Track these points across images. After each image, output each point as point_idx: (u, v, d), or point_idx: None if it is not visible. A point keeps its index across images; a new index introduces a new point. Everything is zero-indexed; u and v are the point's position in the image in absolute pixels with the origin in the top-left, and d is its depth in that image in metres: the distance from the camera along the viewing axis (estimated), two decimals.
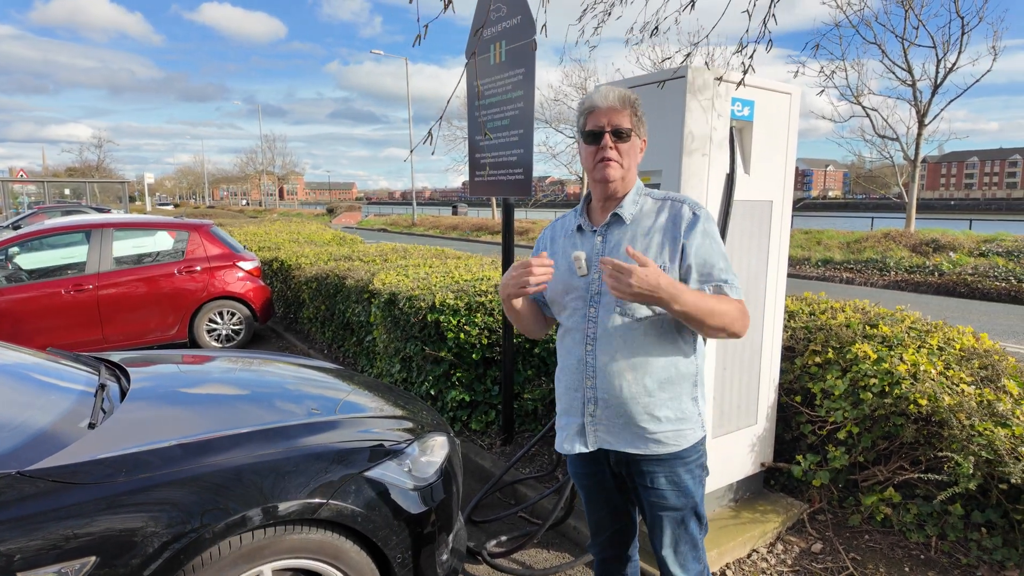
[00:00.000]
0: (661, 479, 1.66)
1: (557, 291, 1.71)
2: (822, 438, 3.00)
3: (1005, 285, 10.29)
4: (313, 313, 6.86)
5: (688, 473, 1.67)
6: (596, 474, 1.79)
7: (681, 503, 1.68)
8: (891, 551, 2.68)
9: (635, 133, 1.60)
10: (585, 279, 1.64)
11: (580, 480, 1.85)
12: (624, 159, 1.59)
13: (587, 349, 1.64)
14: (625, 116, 1.57)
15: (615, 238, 1.64)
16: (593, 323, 1.62)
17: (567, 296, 1.68)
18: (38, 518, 1.55)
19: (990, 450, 2.46)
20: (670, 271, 1.56)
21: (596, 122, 1.58)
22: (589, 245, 1.67)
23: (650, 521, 1.73)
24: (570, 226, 1.76)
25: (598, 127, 1.58)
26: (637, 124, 1.60)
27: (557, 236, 1.79)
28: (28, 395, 2.12)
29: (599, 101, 1.58)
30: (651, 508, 1.70)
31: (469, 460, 3.76)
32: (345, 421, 2.25)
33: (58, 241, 6.29)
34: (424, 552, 2.12)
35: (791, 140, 2.82)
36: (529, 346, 4.04)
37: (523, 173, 3.52)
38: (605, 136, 1.57)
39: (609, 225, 1.65)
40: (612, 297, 1.58)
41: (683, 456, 1.66)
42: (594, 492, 1.83)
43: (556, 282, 1.71)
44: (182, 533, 1.67)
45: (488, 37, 3.64)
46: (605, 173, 1.59)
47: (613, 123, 1.57)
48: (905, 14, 14.31)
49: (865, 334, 3.07)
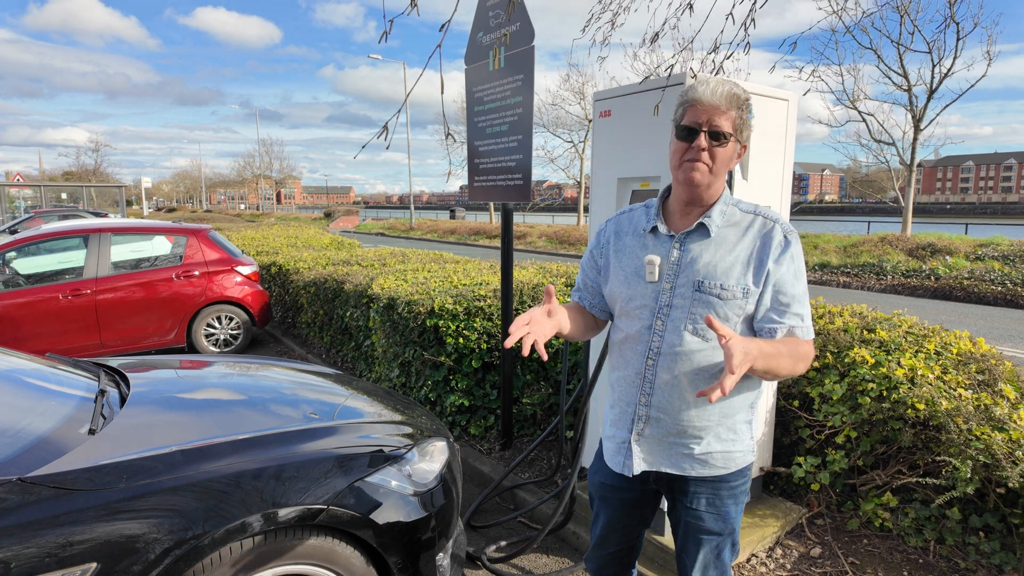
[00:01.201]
0: (703, 501, 1.58)
1: (620, 294, 1.58)
2: (820, 442, 3.00)
3: (1001, 289, 10.33)
4: (311, 318, 6.86)
5: (731, 498, 1.59)
6: (624, 490, 1.68)
7: (719, 528, 1.59)
8: (890, 555, 2.68)
9: (735, 137, 1.44)
10: (654, 287, 1.51)
11: (604, 491, 1.73)
12: (715, 164, 1.44)
13: (648, 364, 1.52)
14: (728, 118, 1.42)
15: (695, 250, 1.49)
16: (659, 337, 1.50)
17: (631, 302, 1.55)
18: (38, 525, 1.55)
19: (987, 454, 2.47)
20: (752, 295, 1.45)
21: (694, 118, 1.43)
22: (663, 251, 1.52)
23: (682, 542, 1.65)
24: (640, 224, 1.60)
25: (695, 124, 1.42)
26: (740, 128, 1.44)
27: (623, 232, 1.63)
28: (28, 401, 2.11)
29: (703, 95, 1.42)
30: (686, 528, 1.62)
31: (468, 465, 3.76)
32: (344, 426, 2.25)
33: (55, 246, 6.28)
34: (424, 557, 2.12)
35: (788, 146, 2.83)
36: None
37: (522, 178, 3.53)
38: (700, 136, 1.42)
39: (690, 234, 1.51)
40: (684, 313, 1.47)
41: (729, 480, 1.57)
42: (614, 508, 1.73)
43: (619, 283, 1.59)
44: (183, 540, 1.67)
45: (487, 43, 3.66)
46: (690, 175, 1.44)
47: (713, 123, 1.41)
48: (901, 19, 14.42)
49: (863, 338, 3.08)
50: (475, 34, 3.77)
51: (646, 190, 2.71)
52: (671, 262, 1.51)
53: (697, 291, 1.46)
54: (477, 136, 3.85)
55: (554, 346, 3.89)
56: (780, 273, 1.45)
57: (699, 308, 1.46)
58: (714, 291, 1.45)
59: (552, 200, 38.12)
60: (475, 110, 3.85)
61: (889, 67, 15.07)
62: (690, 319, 1.47)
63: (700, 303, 1.46)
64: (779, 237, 1.46)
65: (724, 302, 1.45)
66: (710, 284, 1.45)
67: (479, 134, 3.83)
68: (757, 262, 1.45)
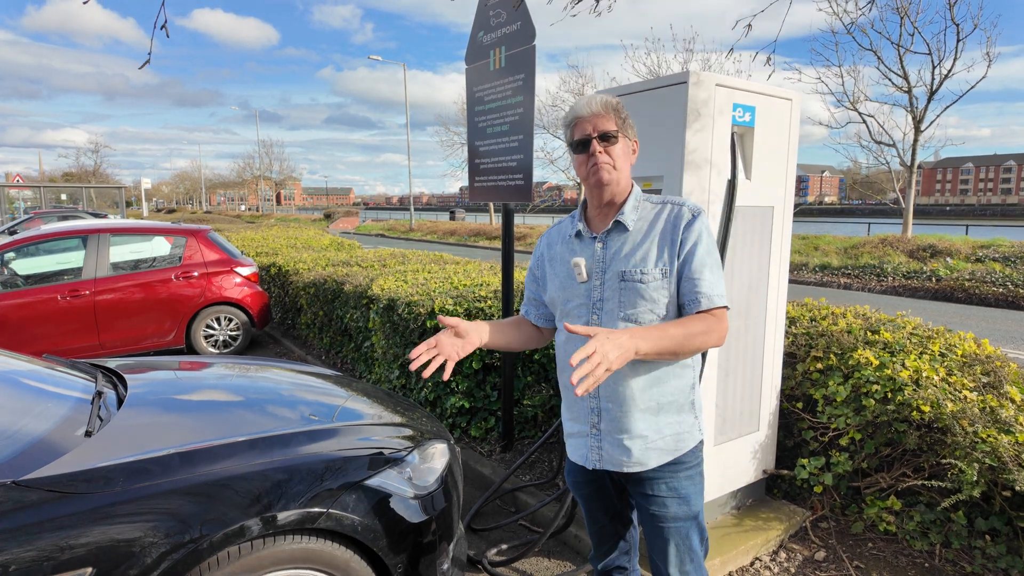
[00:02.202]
0: (662, 487, 1.66)
1: (558, 298, 1.71)
2: (824, 444, 2.98)
3: (1003, 291, 10.31)
4: (311, 319, 6.83)
5: (688, 479, 1.67)
6: (595, 481, 1.78)
7: (683, 512, 1.66)
8: (895, 559, 2.66)
9: (623, 135, 1.60)
10: (586, 286, 1.64)
11: (579, 489, 1.83)
12: (616, 161, 1.59)
13: None
14: (609, 120, 1.57)
15: (616, 244, 1.63)
16: None
17: (568, 304, 1.68)
18: (33, 529, 1.52)
19: (994, 457, 2.44)
20: (671, 275, 1.57)
21: (582, 131, 1.59)
22: (589, 252, 1.66)
23: (650, 534, 1.71)
24: (567, 232, 1.74)
25: (584, 135, 1.58)
26: (623, 127, 1.60)
27: (554, 242, 1.78)
28: (23, 402, 2.09)
29: (581, 110, 1.59)
30: (652, 520, 1.68)
31: (469, 467, 3.73)
32: (344, 429, 2.23)
33: (54, 246, 6.25)
34: (425, 561, 2.10)
35: (792, 146, 2.81)
36: (529, 352, 4.02)
37: (523, 178, 3.51)
38: (593, 142, 1.57)
39: (610, 232, 1.65)
40: (615, 304, 1.60)
41: (683, 462, 1.66)
42: (594, 500, 1.82)
43: (555, 289, 1.72)
44: (180, 544, 1.64)
45: (488, 43, 3.64)
46: (599, 176, 1.58)
47: (599, 128, 1.57)
48: (901, 21, 14.40)
49: (867, 340, 3.06)
50: (476, 34, 3.75)
51: (649, 190, 2.69)
52: (596, 259, 1.64)
53: (622, 280, 1.59)
54: (478, 136, 3.83)
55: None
56: (689, 246, 1.56)
57: (628, 296, 1.58)
58: (636, 277, 1.58)
59: (552, 202, 38.08)
60: (476, 110, 3.83)
61: (889, 68, 15.06)
62: (621, 307, 1.59)
63: (628, 291, 1.58)
64: (687, 216, 1.59)
65: (647, 285, 1.56)
66: (632, 272, 1.58)
67: (480, 134, 3.81)
68: (670, 242, 1.58)
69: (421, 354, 1.56)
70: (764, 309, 2.82)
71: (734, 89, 2.51)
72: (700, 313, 1.54)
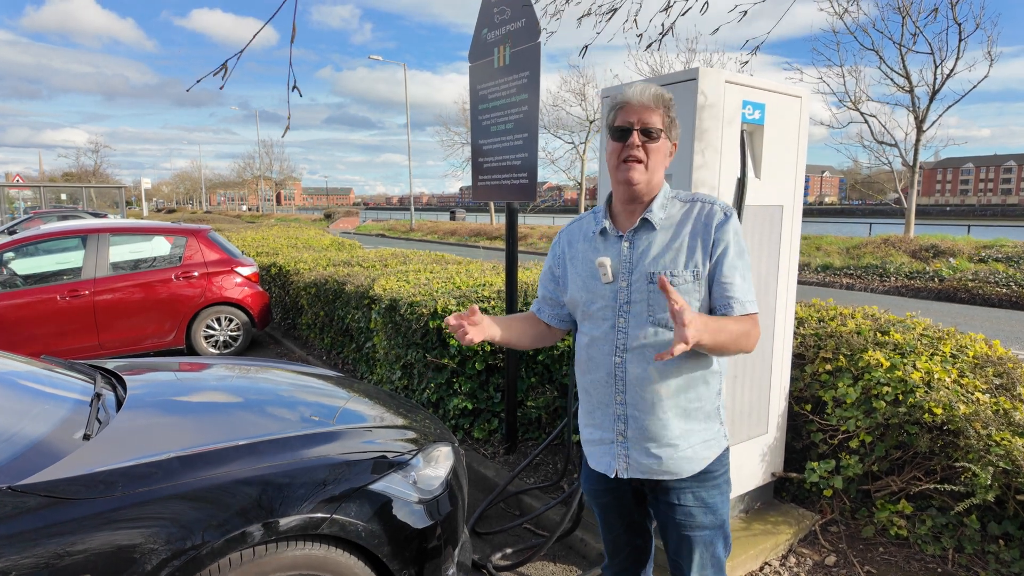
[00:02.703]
0: (688, 496, 1.59)
1: (580, 299, 1.63)
2: (833, 447, 2.94)
3: (1006, 291, 10.27)
4: (312, 319, 6.79)
5: (715, 488, 1.61)
6: (615, 490, 1.71)
7: (709, 521, 1.61)
8: (907, 564, 2.62)
9: (665, 135, 1.52)
10: (611, 287, 1.56)
11: (597, 497, 1.76)
12: (650, 160, 1.51)
13: (617, 362, 1.55)
14: (657, 115, 1.49)
15: (643, 244, 1.55)
16: (623, 334, 1.54)
17: (592, 305, 1.60)
18: (30, 535, 1.48)
19: (1008, 460, 2.40)
20: (702, 277, 1.51)
21: (626, 118, 1.50)
22: (615, 251, 1.58)
23: (675, 545, 1.64)
24: (590, 229, 1.67)
25: (627, 124, 1.50)
26: (669, 125, 1.52)
27: (575, 240, 1.70)
28: (20, 404, 2.04)
29: (632, 96, 1.49)
30: (677, 529, 1.62)
31: (472, 469, 3.69)
32: (347, 432, 2.19)
33: (54, 246, 6.21)
34: (430, 567, 2.06)
35: (801, 144, 2.77)
36: (532, 353, 3.98)
37: (527, 177, 3.47)
38: (633, 134, 1.49)
39: (637, 230, 1.56)
40: (643, 306, 1.52)
41: (711, 471, 1.60)
42: (612, 510, 1.75)
43: (578, 289, 1.64)
44: (181, 550, 1.60)
45: (492, 40, 3.60)
46: (629, 175, 1.50)
47: (643, 121, 1.48)
48: (902, 21, 14.36)
49: (876, 341, 3.02)
50: (479, 31, 3.71)
51: None
52: (623, 259, 1.56)
53: (651, 283, 1.51)
54: (481, 135, 3.79)
55: (560, 348, 3.82)
56: (722, 247, 1.50)
57: (657, 298, 1.51)
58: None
59: (553, 202, 38.07)
60: (479, 108, 3.78)
61: (891, 68, 15.02)
62: (650, 311, 1.52)
63: (657, 293, 1.50)
64: (719, 215, 1.53)
65: (676, 288, 1.48)
66: (662, 273, 1.50)
67: (484, 132, 3.77)
68: (702, 242, 1.51)
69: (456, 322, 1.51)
70: (773, 309, 2.78)
71: (744, 86, 2.47)
72: (742, 316, 1.50)
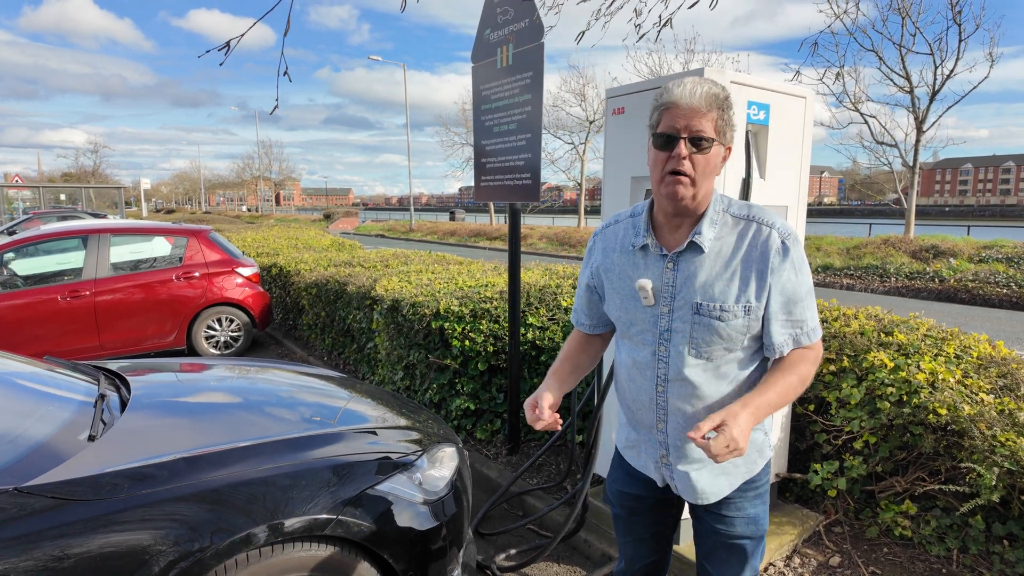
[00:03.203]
0: (731, 508, 1.53)
1: (620, 319, 1.52)
2: (837, 448, 2.93)
3: (1007, 291, 10.27)
4: (313, 320, 6.78)
5: (759, 499, 1.55)
6: (650, 496, 1.63)
7: (751, 531, 1.54)
8: (911, 564, 2.61)
9: (719, 141, 1.33)
10: (652, 311, 1.44)
11: (625, 500, 1.67)
12: (698, 173, 1.32)
13: (659, 391, 1.47)
14: (709, 121, 1.30)
15: (689, 268, 1.40)
16: (664, 363, 1.44)
17: (632, 327, 1.49)
18: (36, 536, 1.48)
19: (1013, 461, 2.40)
20: (755, 311, 1.37)
21: (671, 123, 1.31)
22: (657, 271, 1.43)
23: (710, 550, 1.58)
24: (628, 241, 1.50)
25: (673, 130, 1.30)
26: (723, 129, 1.33)
27: (611, 250, 1.54)
28: (25, 406, 2.04)
29: (680, 97, 1.30)
30: (716, 537, 1.55)
31: (475, 470, 3.69)
32: (351, 432, 2.18)
33: (54, 247, 6.20)
34: (435, 568, 2.05)
35: (805, 144, 2.77)
36: (535, 353, 3.97)
37: (531, 177, 3.47)
38: (680, 144, 1.30)
39: (682, 253, 1.40)
40: (684, 336, 1.41)
41: (754, 480, 1.53)
42: (640, 515, 1.67)
43: (616, 308, 1.52)
44: (187, 552, 1.60)
45: (495, 40, 3.59)
46: (673, 190, 1.33)
47: (693, 128, 1.29)
48: (902, 21, 14.37)
49: (880, 342, 3.02)
50: (482, 31, 3.71)
51: None
52: (665, 283, 1.42)
53: (696, 314, 1.38)
54: (484, 135, 3.79)
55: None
56: (782, 282, 1.36)
57: (701, 332, 1.39)
58: (714, 313, 1.37)
59: (552, 202, 38.09)
60: (482, 108, 3.78)
61: (891, 68, 15.04)
62: (692, 344, 1.40)
63: (701, 326, 1.38)
64: (776, 244, 1.36)
65: (725, 323, 1.37)
66: (709, 307, 1.37)
67: (486, 133, 3.76)
68: (757, 274, 1.36)
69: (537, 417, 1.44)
70: None
71: (749, 87, 2.47)
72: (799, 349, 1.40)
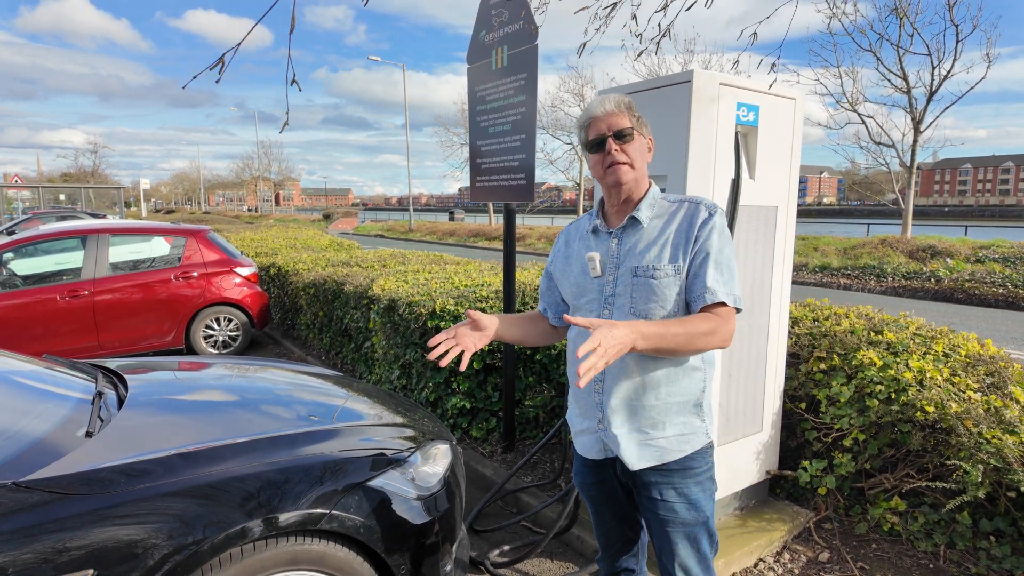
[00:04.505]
0: (670, 492, 1.63)
1: (570, 293, 1.73)
2: (827, 445, 2.97)
3: (1003, 291, 10.31)
4: (311, 319, 6.81)
5: (698, 485, 1.64)
6: (604, 482, 1.76)
7: (692, 517, 1.64)
8: (899, 560, 2.65)
9: (638, 132, 1.60)
10: (599, 281, 1.64)
11: (587, 490, 1.81)
12: (633, 160, 1.59)
13: None
14: (623, 118, 1.57)
15: (631, 240, 1.63)
16: None
17: (581, 298, 1.68)
18: (34, 530, 1.51)
19: (998, 458, 2.43)
20: (682, 268, 1.56)
21: (597, 130, 1.58)
22: (604, 247, 1.66)
23: (659, 539, 1.68)
24: (585, 228, 1.75)
25: (600, 134, 1.58)
26: (638, 124, 1.60)
27: (572, 239, 1.79)
28: (24, 402, 2.07)
29: (595, 110, 1.59)
30: (660, 524, 1.65)
31: (470, 468, 3.72)
32: (346, 429, 2.21)
33: (53, 247, 6.23)
34: (428, 563, 2.08)
35: (795, 145, 2.80)
36: (530, 353, 4.01)
37: (525, 178, 3.50)
38: (608, 141, 1.57)
39: (625, 228, 1.64)
40: (627, 299, 1.59)
41: (691, 467, 1.64)
42: (602, 502, 1.80)
43: (569, 284, 1.73)
44: (182, 545, 1.63)
45: (490, 42, 3.63)
46: (617, 176, 1.58)
47: (613, 127, 1.57)
48: (900, 22, 14.41)
49: (870, 340, 3.05)
50: (477, 33, 3.74)
51: None
52: (611, 255, 1.63)
53: (635, 276, 1.58)
54: (479, 136, 3.82)
55: (557, 347, 3.85)
56: (701, 243, 1.54)
57: (639, 291, 1.57)
58: (648, 273, 1.57)
59: (551, 202, 38.19)
60: (477, 109, 3.81)
61: (889, 69, 15.07)
62: (632, 303, 1.58)
63: (639, 287, 1.57)
64: (703, 214, 1.57)
65: (658, 281, 1.56)
66: (645, 267, 1.57)
67: (481, 134, 3.80)
68: (685, 239, 1.56)
69: (440, 343, 1.62)
70: (768, 309, 2.81)
71: (738, 88, 2.50)
72: (705, 311, 1.51)
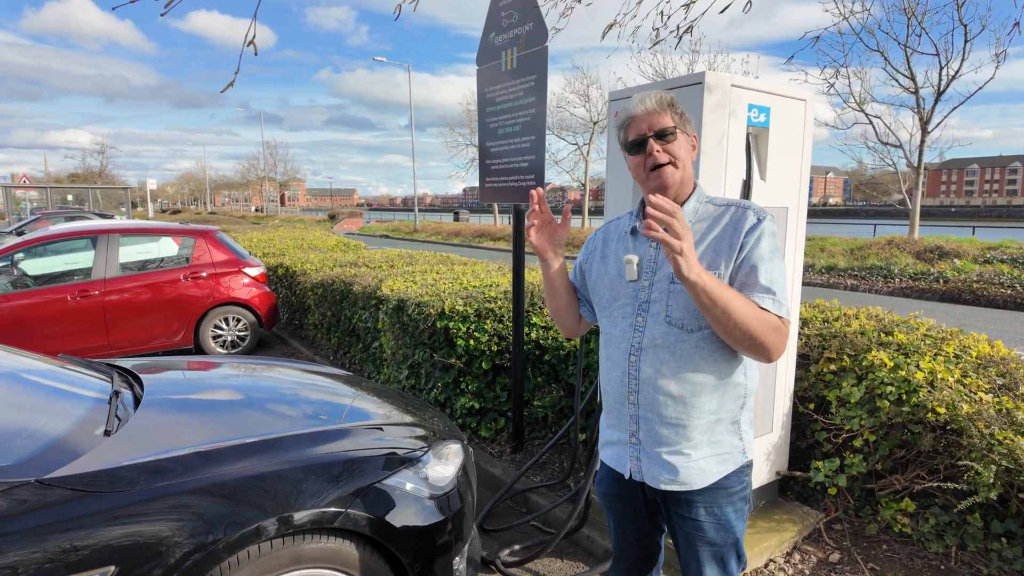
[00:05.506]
0: (700, 510, 1.55)
1: (604, 296, 1.62)
2: (838, 446, 2.97)
3: (1011, 292, 10.25)
4: (319, 319, 6.84)
5: (731, 505, 1.56)
6: (629, 497, 1.67)
7: (720, 538, 1.56)
8: (910, 561, 2.65)
9: (681, 131, 1.50)
10: (634, 285, 1.54)
11: (610, 502, 1.73)
12: (677, 159, 1.49)
13: (631, 360, 1.52)
14: (666, 116, 1.48)
15: None
16: (640, 332, 1.51)
17: (614, 303, 1.58)
18: (56, 527, 1.53)
19: (1010, 459, 2.43)
20: (723, 277, 1.44)
21: (637, 130, 1.49)
22: (643, 250, 1.56)
23: (685, 555, 1.62)
24: (624, 228, 1.65)
25: (640, 135, 1.49)
26: (681, 122, 1.50)
27: (610, 238, 1.69)
28: (42, 402, 2.10)
29: (635, 109, 1.49)
30: (687, 540, 1.58)
31: (479, 468, 3.73)
32: (358, 428, 2.23)
33: (63, 247, 6.27)
34: (440, 561, 2.10)
35: (806, 146, 2.81)
36: (539, 353, 4.02)
37: (535, 179, 3.51)
38: (649, 142, 1.48)
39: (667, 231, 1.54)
40: (662, 306, 1.49)
41: (726, 486, 1.55)
42: (624, 518, 1.72)
43: (603, 286, 1.63)
44: (201, 544, 1.64)
45: (500, 44, 3.64)
46: (662, 180, 1.48)
47: (655, 126, 1.47)
48: (908, 22, 14.36)
49: (880, 341, 3.05)
50: (487, 35, 3.75)
51: None
52: (649, 260, 1.54)
53: (672, 282, 1.48)
54: (489, 137, 3.83)
55: (566, 348, 3.86)
56: (748, 250, 1.44)
57: (676, 299, 1.47)
58: None
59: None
60: (487, 111, 3.83)
61: (896, 69, 15.02)
62: (667, 310, 1.48)
63: (676, 294, 1.47)
64: (751, 219, 1.47)
65: None
66: None
67: (491, 135, 3.81)
68: (728, 245, 1.46)
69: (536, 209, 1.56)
70: None
71: (749, 90, 2.51)
72: None
